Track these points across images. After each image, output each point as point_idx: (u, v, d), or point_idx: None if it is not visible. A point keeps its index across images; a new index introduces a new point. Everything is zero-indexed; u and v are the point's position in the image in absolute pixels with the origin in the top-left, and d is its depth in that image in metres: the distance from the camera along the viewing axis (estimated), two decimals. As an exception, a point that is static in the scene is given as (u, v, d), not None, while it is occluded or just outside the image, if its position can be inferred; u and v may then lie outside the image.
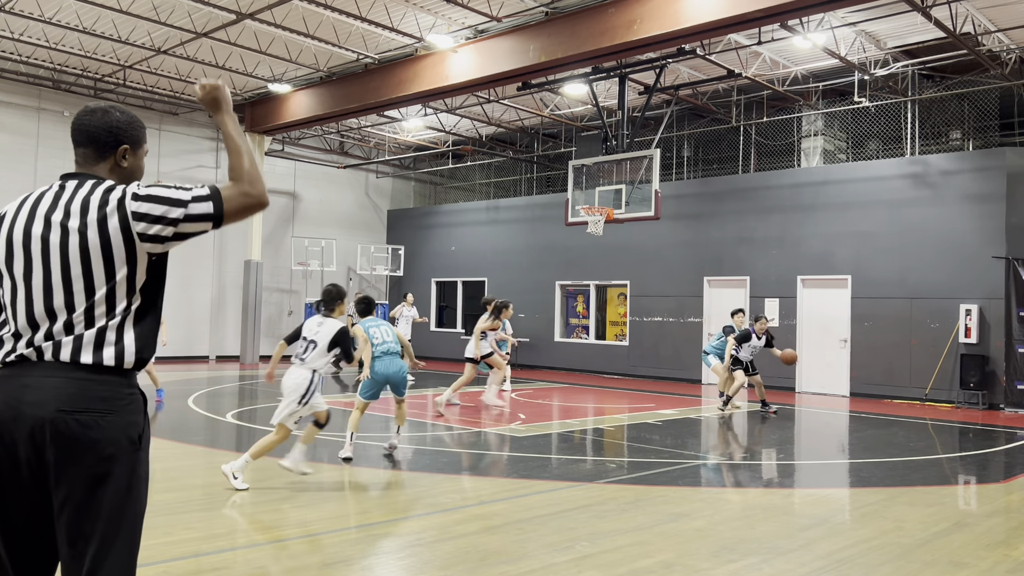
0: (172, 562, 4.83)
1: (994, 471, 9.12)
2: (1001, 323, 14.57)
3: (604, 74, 15.61)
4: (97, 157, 2.68)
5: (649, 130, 19.49)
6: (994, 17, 13.53)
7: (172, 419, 11.30)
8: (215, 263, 22.35)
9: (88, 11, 14.93)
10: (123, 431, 2.39)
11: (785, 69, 16.46)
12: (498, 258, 22.77)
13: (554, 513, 6.32)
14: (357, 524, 5.96)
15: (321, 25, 15.27)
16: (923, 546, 5.56)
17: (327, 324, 7.23)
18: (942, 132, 16.77)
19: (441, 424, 11.06)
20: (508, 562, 5.01)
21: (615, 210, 14.88)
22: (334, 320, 7.29)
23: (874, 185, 16.34)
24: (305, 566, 4.83)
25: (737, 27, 12.57)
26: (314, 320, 7.34)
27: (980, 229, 15.00)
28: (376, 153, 25.52)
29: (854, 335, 16.38)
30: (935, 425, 12.45)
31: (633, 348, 19.91)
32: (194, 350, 21.89)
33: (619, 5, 13.05)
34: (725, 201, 18.52)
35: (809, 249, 17.09)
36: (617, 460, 9.08)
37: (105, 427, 2.36)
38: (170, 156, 21.52)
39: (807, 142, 17.99)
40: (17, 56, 17.82)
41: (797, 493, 7.62)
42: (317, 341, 7.10)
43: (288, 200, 24.16)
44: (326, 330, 7.15)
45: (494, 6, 13.91)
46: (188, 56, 17.28)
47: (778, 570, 4.97)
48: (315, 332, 7.17)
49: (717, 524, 6.14)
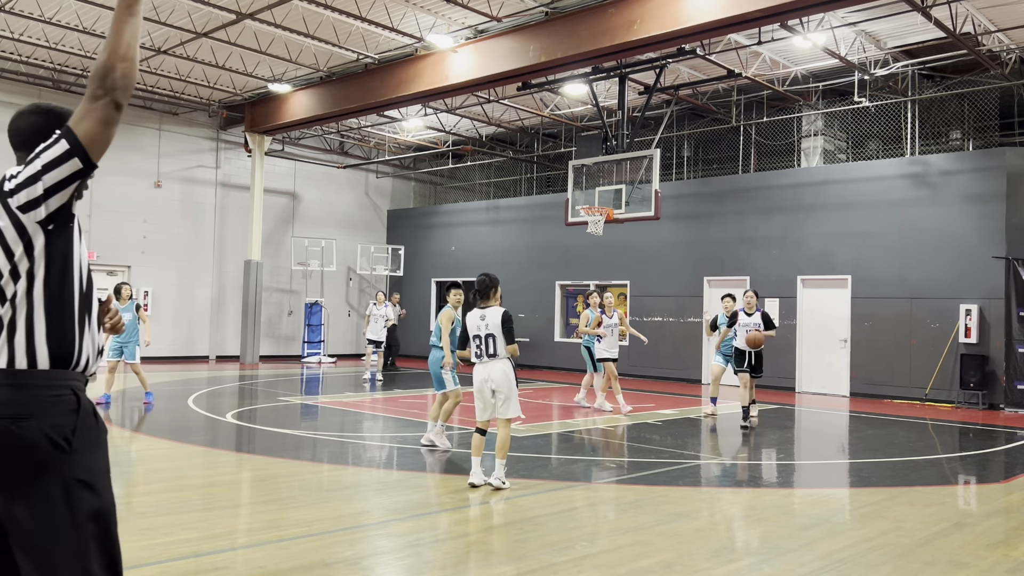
0: (172, 562, 4.83)
1: (994, 471, 9.12)
2: (1001, 323, 14.57)
3: (604, 74, 15.61)
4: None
5: (649, 130, 19.49)
6: (994, 17, 13.52)
7: (172, 419, 11.30)
8: (215, 263, 22.35)
9: (88, 11, 14.94)
10: (44, 435, 2.28)
11: (785, 69, 16.46)
12: (498, 258, 22.76)
13: (554, 513, 6.32)
14: (357, 524, 5.96)
15: (321, 25, 15.28)
16: (923, 546, 5.56)
17: (490, 313, 7.14)
18: (942, 132, 16.77)
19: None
20: (508, 562, 5.01)
21: (615, 210, 14.88)
22: (494, 307, 7.20)
23: (874, 185, 16.34)
24: (305, 566, 4.83)
25: (737, 27, 12.57)
26: (475, 315, 7.20)
27: (980, 229, 15.00)
28: (376, 153, 25.52)
29: (854, 335, 16.38)
30: (935, 425, 12.45)
31: (633, 348, 19.91)
32: (194, 350, 21.88)
33: (619, 5, 13.05)
34: (725, 201, 18.52)
35: (809, 249, 17.09)
36: (617, 460, 9.08)
37: (21, 433, 2.25)
38: (170, 156, 21.52)
39: (807, 142, 17.99)
40: (17, 56, 17.82)
41: (797, 493, 7.62)
42: (494, 333, 7.06)
43: (288, 200, 24.16)
44: (493, 319, 7.10)
45: (494, 6, 13.91)
46: (188, 56, 17.28)
47: (778, 570, 4.97)
48: (484, 326, 7.10)
49: (717, 524, 6.14)
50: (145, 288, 20.91)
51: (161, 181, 21.30)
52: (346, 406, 12.99)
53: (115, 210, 19.96)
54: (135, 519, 5.80)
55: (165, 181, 21.37)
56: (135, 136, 20.69)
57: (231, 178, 22.70)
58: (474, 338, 7.14)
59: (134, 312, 12.21)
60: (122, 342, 12.16)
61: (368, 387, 15.84)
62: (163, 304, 21.19)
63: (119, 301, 11.99)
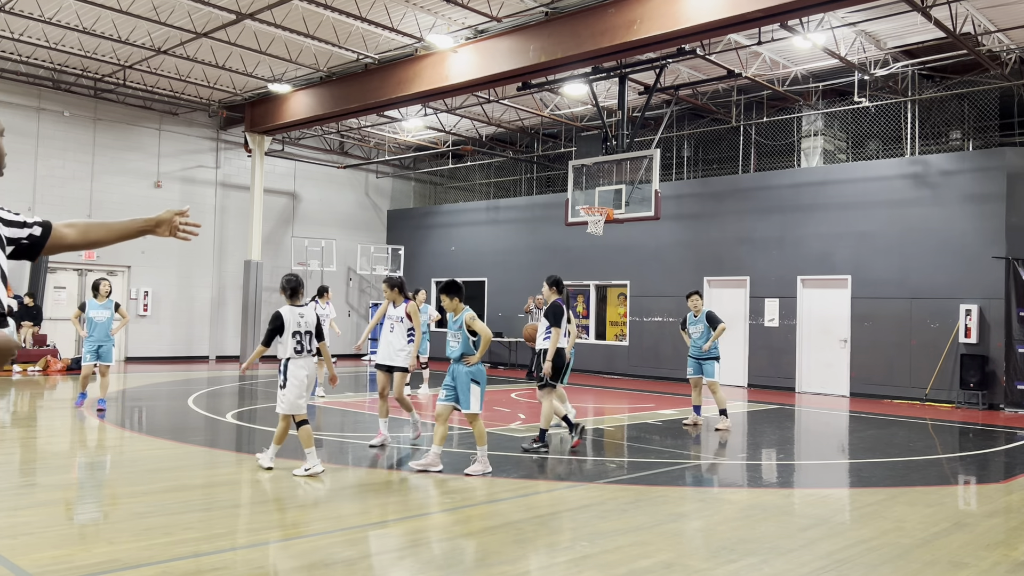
0: (172, 562, 4.83)
1: (994, 471, 9.12)
2: (1001, 323, 14.57)
3: (604, 74, 15.61)
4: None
5: (649, 130, 19.50)
6: (994, 17, 13.52)
7: (172, 419, 11.30)
8: (215, 263, 22.35)
9: (88, 11, 14.93)
10: None
11: (785, 69, 16.46)
12: (498, 258, 22.77)
13: (554, 513, 6.32)
14: (357, 524, 5.96)
15: (321, 25, 15.27)
16: (923, 546, 5.56)
17: (307, 311, 7.78)
18: (942, 132, 16.77)
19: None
20: (508, 562, 5.01)
21: (615, 210, 14.88)
22: (310, 305, 7.96)
23: (874, 185, 16.34)
24: (305, 566, 4.83)
25: (737, 27, 12.56)
26: (294, 312, 7.66)
27: (980, 229, 15.00)
28: (376, 153, 25.52)
29: (854, 335, 16.38)
30: (935, 425, 12.44)
31: (633, 348, 19.91)
32: (194, 350, 21.89)
33: (619, 5, 13.05)
34: (725, 201, 18.52)
35: (809, 249, 17.09)
36: (617, 460, 9.07)
37: None
38: (170, 156, 21.52)
39: (807, 142, 17.98)
40: (17, 56, 17.82)
41: (797, 493, 7.61)
42: (311, 330, 7.79)
43: (288, 200, 24.16)
44: (310, 318, 7.78)
45: (494, 6, 13.91)
46: (188, 56, 17.28)
47: (778, 570, 4.97)
48: (303, 323, 7.67)
49: (717, 524, 6.13)
50: (145, 288, 20.93)
51: (161, 181, 21.30)
52: (346, 406, 13.00)
53: (115, 210, 19.94)
54: (135, 519, 5.80)
55: (165, 181, 21.37)
56: (135, 136, 20.69)
57: (231, 178, 22.70)
58: (294, 334, 7.52)
59: (112, 311, 11.26)
60: (98, 342, 11.15)
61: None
62: (163, 304, 21.19)
63: (97, 298, 11.16)
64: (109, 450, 9.03)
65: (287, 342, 7.49)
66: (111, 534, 5.41)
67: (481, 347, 7.57)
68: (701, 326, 11.51)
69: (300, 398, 7.55)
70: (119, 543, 5.17)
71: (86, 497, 6.71)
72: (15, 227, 2.57)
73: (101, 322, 11.18)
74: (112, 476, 7.57)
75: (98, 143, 20.00)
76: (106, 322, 11.21)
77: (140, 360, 20.46)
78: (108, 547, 5.09)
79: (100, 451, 8.96)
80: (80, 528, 5.64)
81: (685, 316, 11.85)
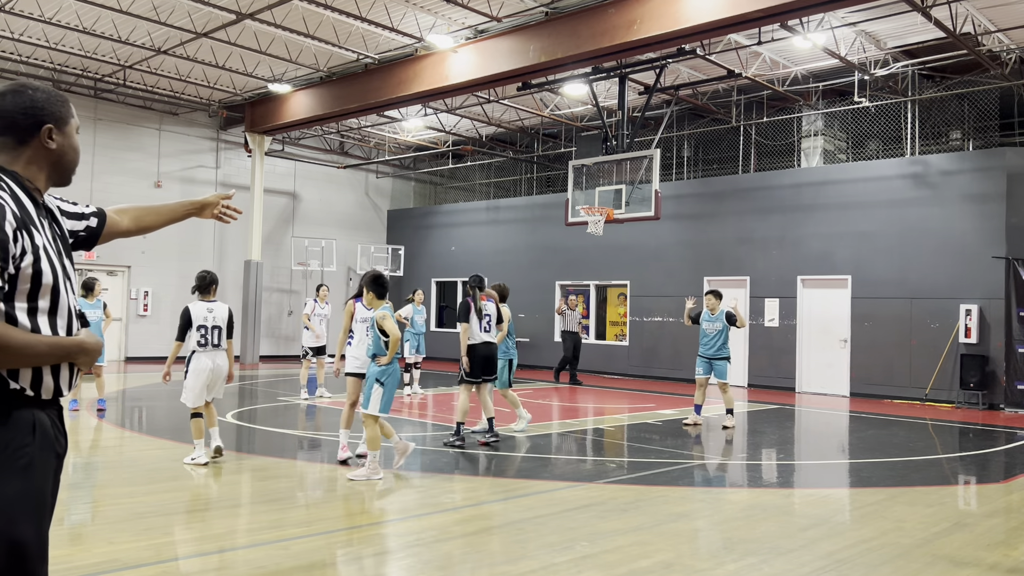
0: (172, 562, 4.83)
1: (994, 471, 9.12)
2: (1001, 323, 14.57)
3: (604, 74, 15.61)
4: (17, 144, 2.24)
5: (649, 130, 19.50)
6: (994, 17, 13.53)
7: (172, 419, 11.30)
8: (215, 263, 22.33)
9: (88, 11, 14.94)
10: None
11: (785, 69, 16.46)
12: (498, 258, 22.76)
13: (554, 513, 6.32)
14: (357, 524, 5.96)
15: (321, 25, 15.28)
16: (923, 546, 5.56)
17: (217, 307, 8.21)
18: (942, 132, 16.77)
19: (440, 424, 11.05)
20: (508, 562, 5.01)
21: (615, 210, 14.88)
22: (220, 302, 8.39)
23: (874, 185, 16.34)
24: (305, 566, 4.83)
25: (737, 27, 12.57)
26: (202, 307, 8.05)
27: (980, 229, 15.00)
28: (376, 153, 25.53)
29: (854, 335, 16.38)
30: (935, 425, 12.44)
31: (633, 348, 19.91)
32: (194, 350, 21.85)
33: (619, 5, 13.05)
34: (725, 201, 18.52)
35: (809, 249, 17.09)
36: (617, 460, 9.07)
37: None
38: (170, 156, 21.51)
39: (807, 142, 17.99)
40: (17, 56, 17.82)
41: (797, 493, 7.61)
42: (220, 325, 8.21)
43: (288, 200, 24.17)
44: (221, 313, 8.20)
45: (494, 6, 13.91)
46: (188, 56, 17.29)
47: (778, 570, 4.97)
48: (212, 318, 8.03)
49: (717, 524, 6.14)
50: (145, 288, 20.93)
51: (161, 181, 21.29)
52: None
53: (115, 210, 19.92)
54: (135, 519, 5.80)
55: (165, 181, 21.37)
56: (135, 136, 20.69)
57: (231, 178, 22.69)
58: (199, 328, 7.80)
59: (102, 311, 11.26)
60: None
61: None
62: (163, 304, 21.19)
63: (87, 298, 11.03)
64: (109, 450, 9.03)
65: (192, 335, 7.79)
66: (111, 534, 5.41)
67: (391, 348, 7.31)
68: (719, 324, 11.42)
69: (202, 389, 7.81)
70: (119, 543, 5.17)
71: (86, 497, 6.71)
72: (75, 219, 2.51)
73: (93, 322, 11.15)
74: (112, 476, 7.57)
75: (98, 143, 20.00)
76: (98, 322, 11.14)
77: (140, 360, 20.46)
78: (108, 547, 5.09)
79: (100, 451, 8.96)
80: (80, 528, 5.64)
81: (700, 311, 11.72)
